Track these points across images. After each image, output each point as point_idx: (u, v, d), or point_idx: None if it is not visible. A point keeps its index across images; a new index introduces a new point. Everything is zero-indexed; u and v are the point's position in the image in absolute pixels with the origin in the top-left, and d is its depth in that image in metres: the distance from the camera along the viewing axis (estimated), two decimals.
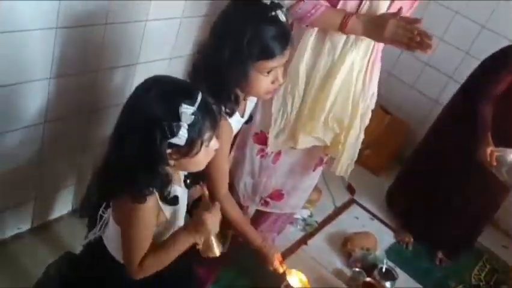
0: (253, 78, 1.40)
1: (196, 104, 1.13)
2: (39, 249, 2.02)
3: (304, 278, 1.68)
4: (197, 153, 1.16)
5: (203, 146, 1.16)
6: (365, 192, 3.15)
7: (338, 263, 2.54)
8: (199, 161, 1.19)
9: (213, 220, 1.24)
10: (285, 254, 2.46)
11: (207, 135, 1.16)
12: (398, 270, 2.53)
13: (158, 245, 1.25)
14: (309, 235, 2.67)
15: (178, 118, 1.11)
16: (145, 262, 1.21)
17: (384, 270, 2.45)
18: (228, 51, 1.35)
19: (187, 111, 1.11)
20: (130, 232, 1.19)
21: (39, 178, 1.93)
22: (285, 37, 1.38)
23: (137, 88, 1.20)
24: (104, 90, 1.93)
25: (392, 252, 2.75)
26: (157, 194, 1.17)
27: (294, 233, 2.59)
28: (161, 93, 1.13)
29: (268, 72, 1.42)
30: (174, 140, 1.11)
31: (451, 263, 2.83)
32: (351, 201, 3.06)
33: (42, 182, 1.96)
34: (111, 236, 1.27)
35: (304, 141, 1.87)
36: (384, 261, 2.50)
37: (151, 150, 1.12)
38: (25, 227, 2.04)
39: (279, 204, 2.14)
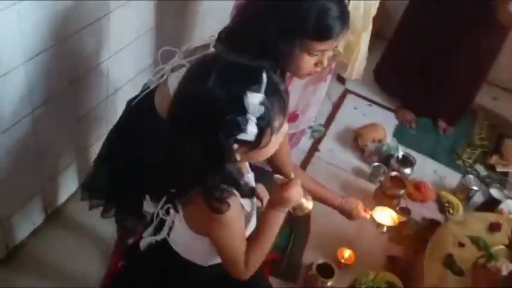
0: (298, 57, 1.23)
1: (263, 88, 0.94)
2: (60, 239, 1.91)
3: (393, 213, 1.62)
4: (267, 144, 1.00)
5: (273, 135, 1.00)
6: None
7: (354, 160, 2.54)
8: (269, 150, 1.03)
9: (295, 193, 1.12)
10: (303, 166, 2.45)
11: (277, 123, 0.99)
12: (410, 151, 2.57)
13: (253, 237, 1.14)
14: (318, 140, 2.63)
15: (244, 110, 0.93)
16: (250, 261, 1.11)
17: (401, 157, 2.47)
18: (280, 21, 1.15)
19: (254, 101, 0.92)
20: (224, 243, 1.07)
21: (40, 169, 1.75)
22: (345, 19, 1.19)
23: (189, 74, 1.00)
24: (80, 55, 1.68)
25: (398, 135, 2.76)
26: (235, 192, 1.03)
27: (303, 143, 2.52)
28: (220, 80, 0.93)
29: (315, 54, 1.24)
30: (242, 136, 0.94)
31: (453, 129, 2.89)
32: (345, 93, 2.99)
33: (43, 171, 1.78)
34: (180, 239, 1.15)
35: None
36: (399, 148, 2.51)
37: (215, 150, 0.95)
38: (39, 220, 1.89)
39: (294, 124, 2.04)
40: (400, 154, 2.47)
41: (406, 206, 2.28)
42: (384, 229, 1.36)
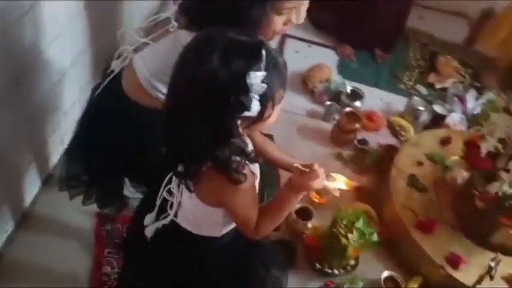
0: (269, 18, 1.23)
1: (263, 65, 0.95)
2: (38, 241, 1.85)
3: (344, 178, 1.68)
4: (269, 116, 1.02)
5: (275, 107, 1.02)
6: None
7: (307, 103, 2.60)
8: (270, 121, 1.05)
9: (317, 182, 1.15)
10: None
11: (278, 96, 1.01)
12: (355, 84, 2.66)
13: (267, 208, 1.17)
14: None
15: (246, 89, 0.93)
16: (260, 228, 1.15)
17: (349, 92, 2.56)
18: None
19: (257, 80, 0.93)
20: (241, 210, 1.10)
21: (1, 175, 1.66)
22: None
23: (186, 56, 0.98)
24: (19, 48, 1.58)
25: (342, 70, 2.84)
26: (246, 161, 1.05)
27: None
28: (222, 60, 0.93)
29: (284, 13, 1.26)
30: (246, 114, 0.96)
31: (390, 56, 3.00)
32: (284, 38, 3.00)
33: (5, 177, 1.70)
34: (191, 216, 1.17)
35: None
36: (346, 84, 2.59)
37: (222, 128, 0.96)
38: (10, 227, 1.83)
39: None
40: (348, 89, 2.56)
41: (362, 137, 2.39)
42: (338, 193, 1.43)
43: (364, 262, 1.86)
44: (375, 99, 2.71)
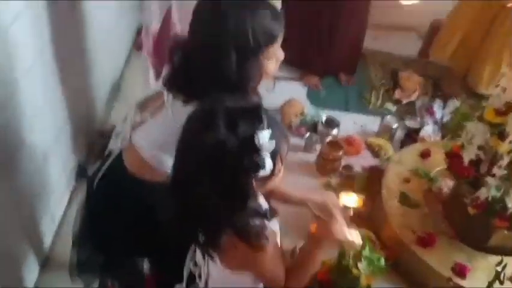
0: (265, 66, 1.26)
1: (266, 123, 0.98)
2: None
3: (354, 196, 1.71)
4: (279, 171, 1.05)
5: (283, 160, 1.05)
6: None
7: None
8: (280, 175, 1.08)
9: (339, 230, 1.18)
10: None
11: (284, 151, 1.04)
12: (328, 111, 2.74)
13: (295, 266, 1.18)
14: None
15: (258, 149, 0.96)
16: (290, 285, 1.15)
17: (324, 121, 2.62)
18: (234, 50, 1.16)
19: (264, 138, 0.96)
20: (268, 271, 1.11)
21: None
22: (279, 14, 1.25)
23: (191, 127, 1.00)
24: None
25: (312, 100, 2.92)
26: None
27: None
28: (227, 128, 0.96)
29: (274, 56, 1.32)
30: (261, 173, 0.99)
31: (354, 79, 3.11)
32: None
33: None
34: (221, 283, 1.17)
35: None
36: (320, 113, 2.66)
37: (239, 193, 0.98)
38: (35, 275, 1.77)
39: None
40: (323, 118, 2.62)
41: (347, 163, 2.45)
42: (351, 212, 1.48)
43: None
44: (349, 123, 2.78)
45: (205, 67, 1.25)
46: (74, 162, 2.11)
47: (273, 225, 1.14)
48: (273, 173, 1.04)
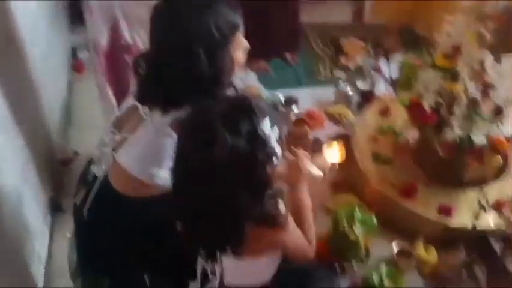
0: (235, 57, 1.26)
1: (262, 112, 0.99)
2: None
3: (336, 145, 1.72)
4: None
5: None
6: None
7: None
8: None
9: (304, 165, 1.22)
10: None
11: (284, 131, 1.06)
12: (283, 91, 2.77)
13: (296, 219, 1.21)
14: None
15: (265, 140, 0.97)
16: (310, 239, 1.20)
17: (284, 101, 2.66)
18: (202, 47, 1.16)
19: (267, 127, 0.97)
20: (293, 244, 1.14)
21: None
22: (234, 2, 1.28)
23: (189, 143, 0.99)
24: None
25: (265, 84, 2.94)
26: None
27: None
28: (230, 132, 0.96)
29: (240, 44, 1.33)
30: (275, 161, 1.01)
31: (298, 58, 3.17)
32: None
33: None
34: (239, 276, 1.17)
35: None
36: (277, 94, 2.69)
37: (261, 187, 1.00)
38: None
39: None
40: (282, 98, 2.66)
41: (315, 137, 2.50)
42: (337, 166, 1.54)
43: (373, 248, 1.94)
44: (305, 98, 2.83)
45: (176, 72, 1.24)
46: (46, 197, 2.03)
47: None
48: (282, 157, 1.07)
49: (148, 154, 1.32)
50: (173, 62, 1.22)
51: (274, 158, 1.03)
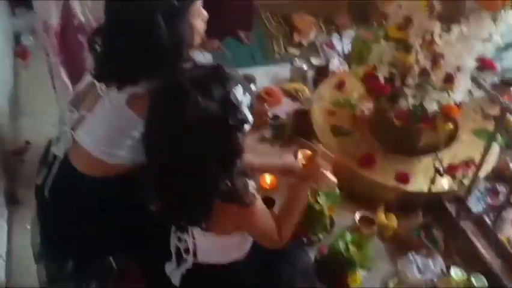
0: (194, 26, 1.23)
1: (233, 79, 0.98)
2: None
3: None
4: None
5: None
6: None
7: None
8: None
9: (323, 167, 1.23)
10: None
11: (254, 101, 1.05)
12: (240, 70, 2.75)
13: (283, 209, 1.20)
14: None
15: (237, 106, 0.96)
16: (283, 232, 1.20)
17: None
18: (161, 15, 1.13)
19: (240, 93, 0.96)
20: (259, 227, 1.15)
21: None
22: None
23: (162, 106, 0.98)
24: None
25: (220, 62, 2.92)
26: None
27: None
28: (201, 95, 0.94)
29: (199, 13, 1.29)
30: (246, 128, 1.00)
31: (251, 36, 3.16)
32: None
33: None
34: (212, 251, 1.18)
35: None
36: None
37: (232, 153, 0.98)
38: None
39: None
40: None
41: (273, 114, 2.52)
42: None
43: (337, 218, 2.00)
44: (262, 76, 2.84)
45: (134, 43, 1.20)
46: (0, 190, 1.95)
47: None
48: (252, 123, 1.07)
49: (106, 133, 1.29)
50: (131, 32, 1.19)
51: (245, 125, 1.04)
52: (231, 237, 1.19)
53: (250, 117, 1.05)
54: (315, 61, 2.84)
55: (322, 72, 2.76)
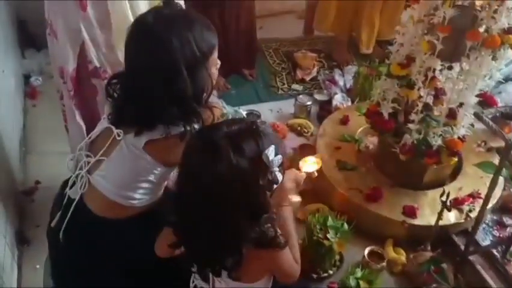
0: (212, 74, 1.29)
1: (267, 138, 1.03)
2: None
3: (312, 158, 1.78)
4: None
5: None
6: None
7: None
8: None
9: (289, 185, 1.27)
10: None
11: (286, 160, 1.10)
12: (245, 107, 2.83)
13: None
14: None
15: (269, 166, 1.01)
16: (297, 259, 1.22)
17: (246, 116, 2.71)
18: (184, 65, 1.19)
19: (272, 153, 1.01)
20: (288, 264, 1.15)
21: None
22: (208, 21, 1.31)
23: (195, 160, 1.03)
24: None
25: (226, 101, 2.98)
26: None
27: None
28: (234, 152, 1.00)
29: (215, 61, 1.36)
30: (274, 188, 1.04)
31: (256, 71, 3.24)
32: None
33: None
34: None
35: None
36: (239, 110, 2.74)
37: (259, 209, 1.03)
38: None
39: None
40: (244, 114, 2.71)
41: None
42: (316, 173, 1.61)
43: (346, 253, 2.01)
44: (266, 112, 2.90)
45: (157, 91, 1.26)
46: (11, 231, 1.97)
47: None
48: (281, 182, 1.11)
49: (123, 177, 1.34)
50: (154, 81, 1.24)
51: (274, 185, 1.07)
52: (253, 284, 1.21)
53: (280, 177, 1.08)
54: (318, 96, 2.90)
55: (326, 108, 2.82)
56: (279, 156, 1.07)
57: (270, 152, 1.05)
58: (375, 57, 3.01)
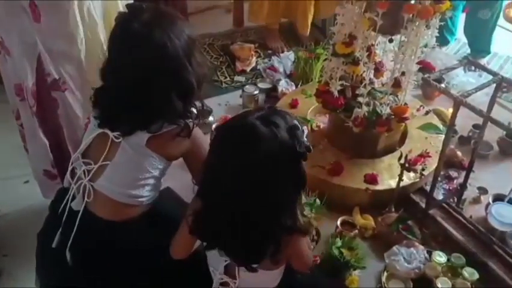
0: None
1: (287, 114, 1.13)
2: None
3: None
4: None
5: None
6: None
7: None
8: None
9: None
10: None
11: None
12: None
13: None
14: None
15: (301, 135, 1.12)
16: (311, 246, 1.29)
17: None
18: (185, 58, 1.29)
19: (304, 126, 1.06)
20: (305, 250, 1.21)
21: None
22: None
23: (242, 137, 1.09)
24: None
25: None
26: None
27: None
28: (275, 125, 1.09)
29: None
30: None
31: None
32: None
33: None
34: (247, 283, 1.24)
35: None
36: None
37: (301, 179, 1.11)
38: None
39: None
40: (194, 111, 2.71)
41: None
42: None
43: (321, 227, 2.11)
44: (215, 106, 2.93)
45: (166, 89, 1.29)
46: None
47: None
48: None
49: (131, 177, 1.35)
50: (162, 79, 1.27)
51: (307, 154, 1.13)
52: (269, 273, 1.27)
53: (310, 146, 1.15)
54: (262, 85, 2.98)
55: (272, 95, 2.90)
56: (304, 127, 1.15)
57: (303, 128, 1.14)
58: (312, 40, 3.14)
